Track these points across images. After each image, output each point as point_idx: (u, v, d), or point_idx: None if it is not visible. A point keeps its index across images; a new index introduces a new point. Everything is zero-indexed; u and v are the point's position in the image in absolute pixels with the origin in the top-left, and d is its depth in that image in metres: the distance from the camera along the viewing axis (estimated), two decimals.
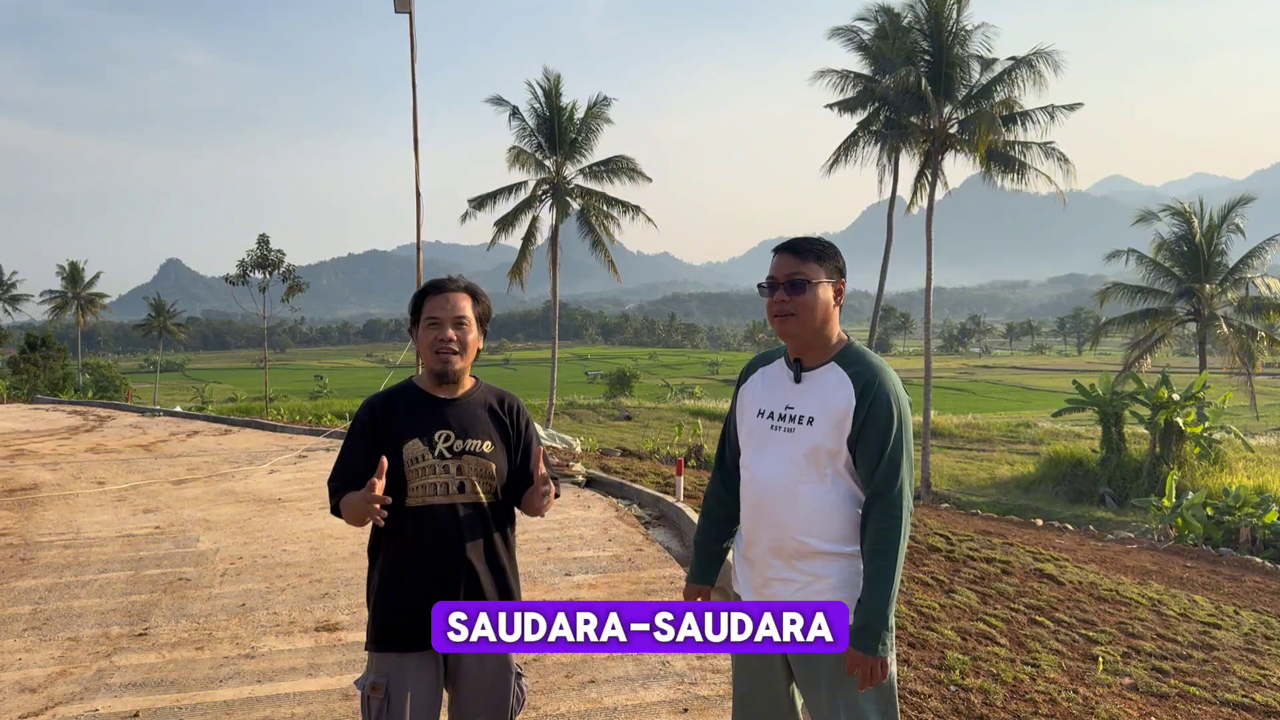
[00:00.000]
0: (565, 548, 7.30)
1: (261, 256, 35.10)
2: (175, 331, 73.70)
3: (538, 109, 32.16)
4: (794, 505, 2.45)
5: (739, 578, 2.65)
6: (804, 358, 2.53)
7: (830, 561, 2.43)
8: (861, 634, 2.33)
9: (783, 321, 2.47)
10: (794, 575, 2.46)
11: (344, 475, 2.59)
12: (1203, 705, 4.53)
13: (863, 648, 2.33)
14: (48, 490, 10.52)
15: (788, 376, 2.55)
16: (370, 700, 2.55)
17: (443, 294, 2.64)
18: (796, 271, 2.45)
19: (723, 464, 2.77)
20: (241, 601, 5.95)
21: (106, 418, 20.73)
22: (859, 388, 2.42)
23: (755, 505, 2.54)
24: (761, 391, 2.61)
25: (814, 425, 2.44)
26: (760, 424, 2.56)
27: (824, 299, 2.46)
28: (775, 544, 2.48)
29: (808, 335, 2.48)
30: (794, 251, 2.48)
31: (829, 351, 2.51)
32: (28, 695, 4.43)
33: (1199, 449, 25.29)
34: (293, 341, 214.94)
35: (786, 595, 2.46)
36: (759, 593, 2.54)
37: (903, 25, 28.07)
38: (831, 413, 2.43)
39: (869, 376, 2.43)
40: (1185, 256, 30.77)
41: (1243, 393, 31.92)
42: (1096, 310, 39.90)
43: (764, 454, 2.52)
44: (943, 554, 7.49)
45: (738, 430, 2.68)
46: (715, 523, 2.77)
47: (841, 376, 2.46)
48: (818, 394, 2.47)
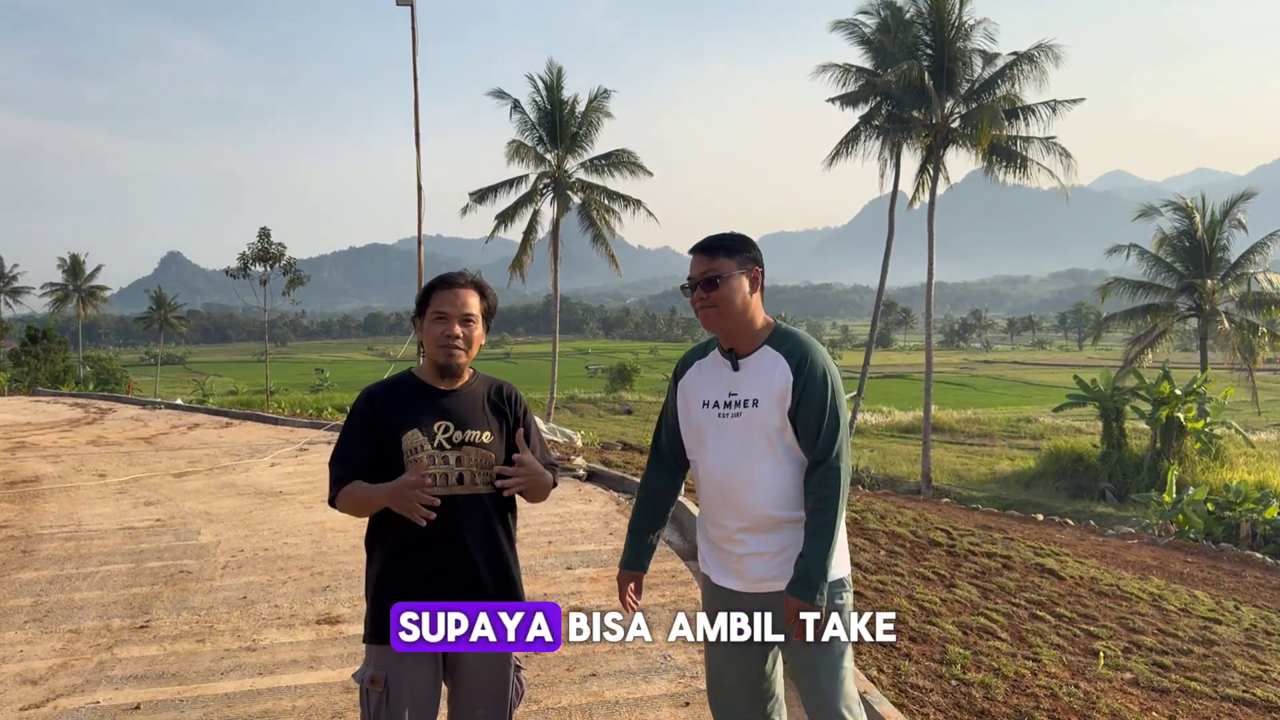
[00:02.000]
0: (566, 541, 7.30)
1: (262, 249, 35.08)
2: (176, 324, 73.78)
3: (539, 102, 32.11)
4: (755, 484, 2.60)
5: (708, 561, 2.78)
6: (737, 346, 2.67)
7: (796, 527, 2.59)
8: (800, 584, 2.50)
9: (706, 315, 2.64)
10: (766, 547, 2.61)
11: (345, 463, 2.58)
12: (1203, 700, 4.53)
13: (800, 596, 2.49)
14: (49, 483, 10.52)
15: (725, 366, 2.69)
16: (369, 694, 2.54)
17: (452, 289, 2.64)
18: (709, 269, 2.62)
19: (659, 452, 2.88)
20: (243, 594, 5.95)
21: (107, 410, 20.74)
22: (794, 364, 2.59)
23: (719, 490, 2.66)
24: (701, 383, 2.73)
25: (759, 406, 2.59)
26: (707, 414, 2.68)
27: (740, 290, 2.62)
28: (745, 523, 2.62)
29: (731, 325, 2.64)
30: (705, 251, 2.65)
31: (759, 336, 2.67)
32: (29, 687, 4.43)
33: (1200, 444, 25.29)
34: (293, 335, 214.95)
35: (762, 568, 2.61)
36: (733, 570, 2.67)
37: (905, 19, 28.02)
38: (772, 391, 2.59)
39: (802, 353, 2.61)
40: (1187, 252, 30.71)
41: (1244, 388, 31.88)
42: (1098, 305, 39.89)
43: (718, 442, 2.65)
44: (944, 549, 7.50)
45: (680, 423, 2.79)
46: (653, 509, 2.89)
47: (775, 356, 2.62)
48: (757, 376, 2.62)
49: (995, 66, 27.75)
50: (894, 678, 4.39)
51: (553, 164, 32.50)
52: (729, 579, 2.68)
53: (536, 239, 33.04)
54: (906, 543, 7.60)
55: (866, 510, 9.07)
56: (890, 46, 28.00)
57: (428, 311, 2.65)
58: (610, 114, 32.48)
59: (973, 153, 27.84)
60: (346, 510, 2.57)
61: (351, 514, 2.58)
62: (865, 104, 29.34)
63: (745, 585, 2.65)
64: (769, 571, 2.61)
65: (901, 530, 8.06)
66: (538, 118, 32.15)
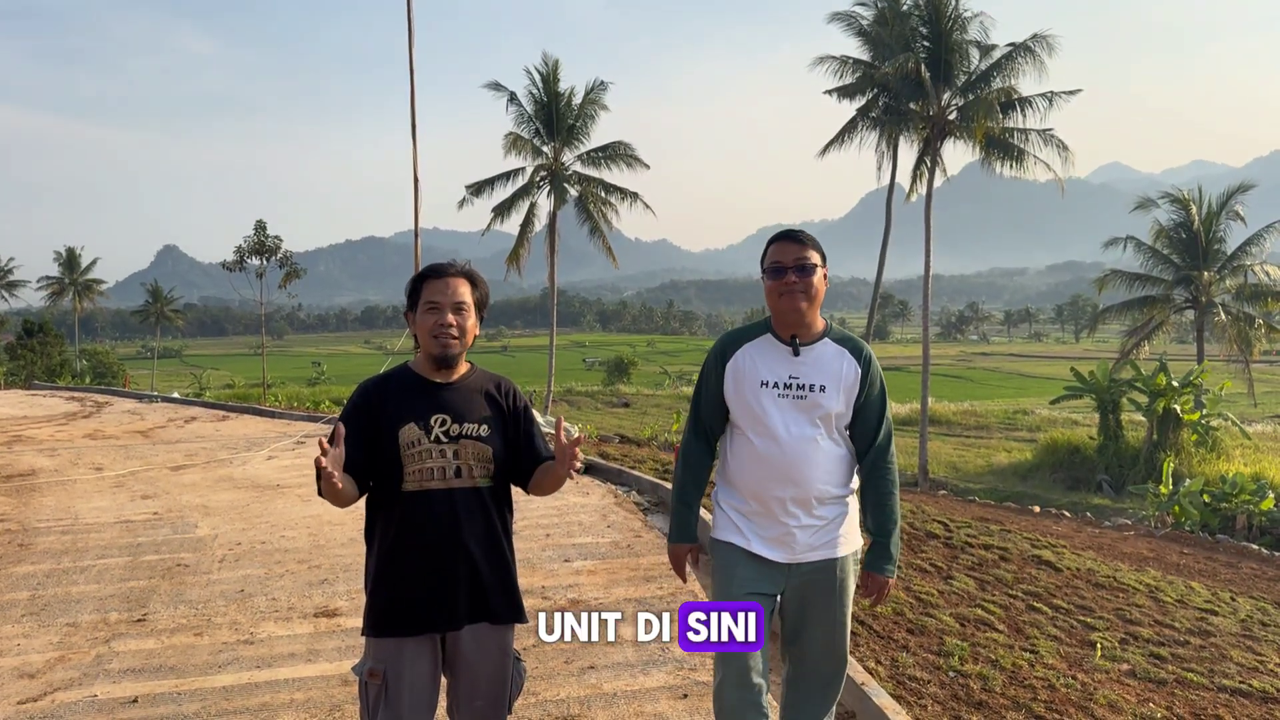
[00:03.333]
0: (564, 534, 7.30)
1: (259, 243, 34.95)
2: (173, 318, 73.57)
3: (535, 94, 32.02)
4: (814, 460, 2.81)
5: (744, 531, 2.88)
6: (801, 334, 2.85)
7: (838, 504, 2.87)
8: (882, 560, 2.89)
9: (794, 299, 2.79)
10: (812, 520, 2.83)
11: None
12: (1200, 691, 4.54)
13: (887, 572, 2.89)
14: (46, 476, 10.51)
15: (785, 351, 2.85)
16: (368, 686, 2.54)
17: (442, 279, 2.62)
18: (802, 256, 2.80)
19: (701, 425, 3.00)
20: (240, 587, 5.95)
21: (104, 404, 20.71)
22: (861, 361, 2.85)
23: (776, 464, 2.81)
24: (759, 363, 2.87)
25: (825, 392, 2.81)
26: (766, 393, 2.83)
27: (820, 282, 2.84)
28: (798, 495, 2.81)
29: (810, 313, 2.83)
30: (796, 240, 2.83)
31: (819, 329, 2.88)
32: (26, 681, 4.42)
33: (1196, 436, 25.31)
34: (290, 328, 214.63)
35: (810, 539, 2.83)
36: (777, 541, 2.84)
37: (902, 11, 27.94)
38: (841, 381, 2.82)
39: (866, 352, 2.88)
40: (1183, 244, 30.72)
41: (1240, 380, 31.94)
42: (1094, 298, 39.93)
43: (781, 419, 2.81)
44: (941, 540, 7.50)
45: (731, 400, 2.90)
46: (698, 479, 3.03)
47: (840, 351, 2.86)
48: (822, 366, 2.83)
49: (992, 58, 27.69)
50: (892, 669, 4.39)
51: (549, 156, 32.43)
52: (770, 549, 2.84)
53: (533, 232, 32.97)
54: (903, 535, 7.61)
55: None
56: (887, 38, 27.94)
57: (419, 303, 2.63)
58: (607, 106, 32.40)
59: (970, 145, 27.80)
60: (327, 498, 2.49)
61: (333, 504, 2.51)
62: (862, 96, 29.27)
63: (789, 556, 2.84)
64: (815, 541, 2.84)
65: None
66: (534, 110, 32.07)
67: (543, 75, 31.97)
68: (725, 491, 2.97)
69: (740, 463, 2.89)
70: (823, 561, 2.85)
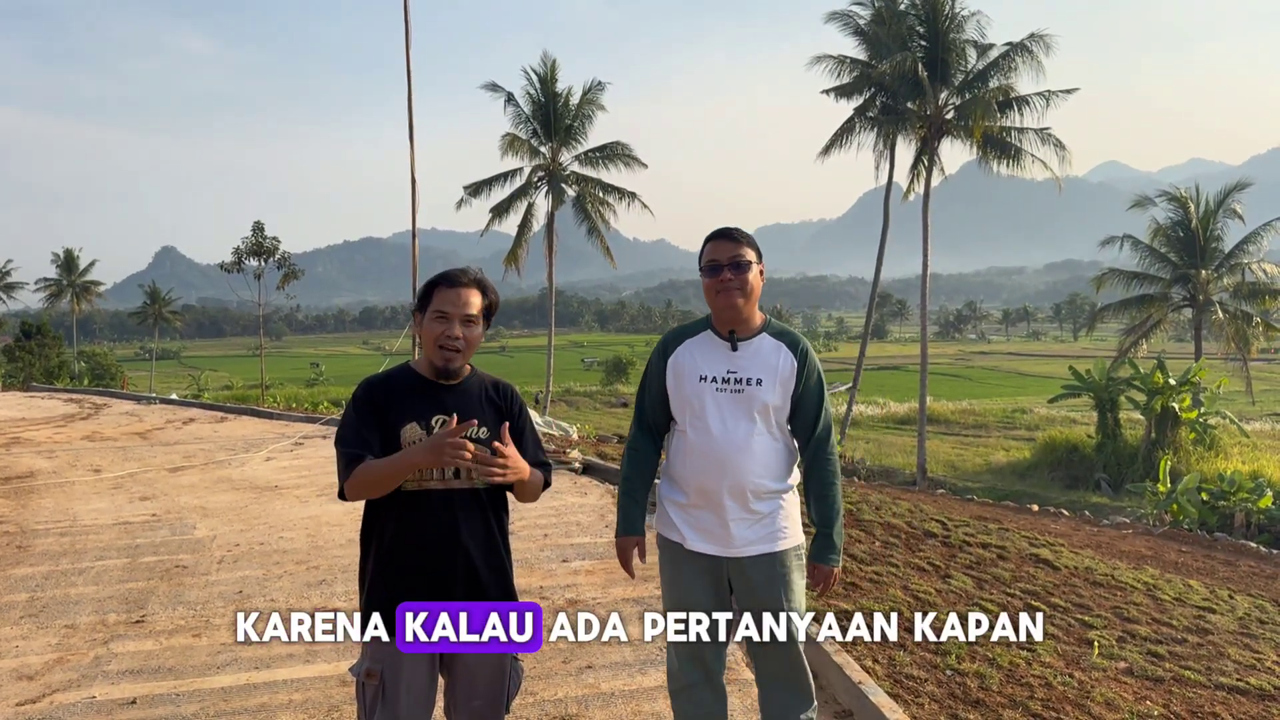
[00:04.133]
0: (562, 534, 7.31)
1: (257, 244, 34.93)
2: (171, 319, 73.51)
3: (533, 95, 32.03)
4: (751, 454, 2.86)
5: (681, 527, 2.95)
6: (738, 329, 2.92)
7: (777, 497, 2.91)
8: (825, 551, 2.93)
9: (729, 296, 2.85)
10: (747, 515, 2.88)
11: (359, 443, 2.52)
12: (1198, 689, 4.54)
13: (827, 561, 2.93)
14: (44, 478, 10.50)
15: (723, 346, 2.93)
16: (365, 687, 2.55)
17: (454, 288, 2.61)
18: (738, 254, 2.87)
19: (645, 422, 3.08)
20: (238, 588, 5.95)
21: (102, 405, 20.69)
22: (797, 355, 2.90)
23: (712, 457, 2.87)
24: (698, 359, 2.94)
25: (762, 385, 2.86)
26: (704, 387, 2.89)
27: (755, 278, 2.89)
28: (734, 489, 2.86)
29: (746, 309, 2.90)
30: (731, 238, 2.89)
31: (756, 324, 2.94)
32: (25, 682, 4.43)
33: (1194, 434, 25.33)
34: (288, 329, 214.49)
35: (747, 533, 2.88)
36: (713, 536, 2.90)
37: (899, 10, 27.99)
38: (778, 375, 2.87)
39: (803, 346, 2.93)
40: (1181, 242, 30.75)
41: (1238, 378, 31.97)
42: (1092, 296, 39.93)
43: (718, 413, 2.87)
44: (939, 539, 7.51)
45: (671, 394, 2.97)
46: (644, 475, 3.09)
47: (777, 344, 2.91)
48: (759, 359, 2.89)
49: (989, 58, 27.74)
50: (889, 668, 4.40)
51: (547, 157, 32.44)
52: (708, 544, 2.91)
53: (531, 232, 32.98)
54: (902, 534, 7.62)
55: (862, 502, 9.09)
56: (885, 38, 27.98)
57: (429, 309, 2.63)
58: (604, 106, 32.43)
59: (967, 144, 27.83)
60: (362, 489, 2.49)
61: (367, 494, 2.51)
62: (860, 95, 29.32)
63: (726, 550, 2.89)
64: (753, 535, 2.88)
65: (897, 521, 8.08)
66: (532, 110, 32.07)
67: (540, 76, 31.99)
68: (667, 485, 3.04)
69: (680, 457, 2.96)
70: (762, 555, 2.89)
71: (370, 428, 2.55)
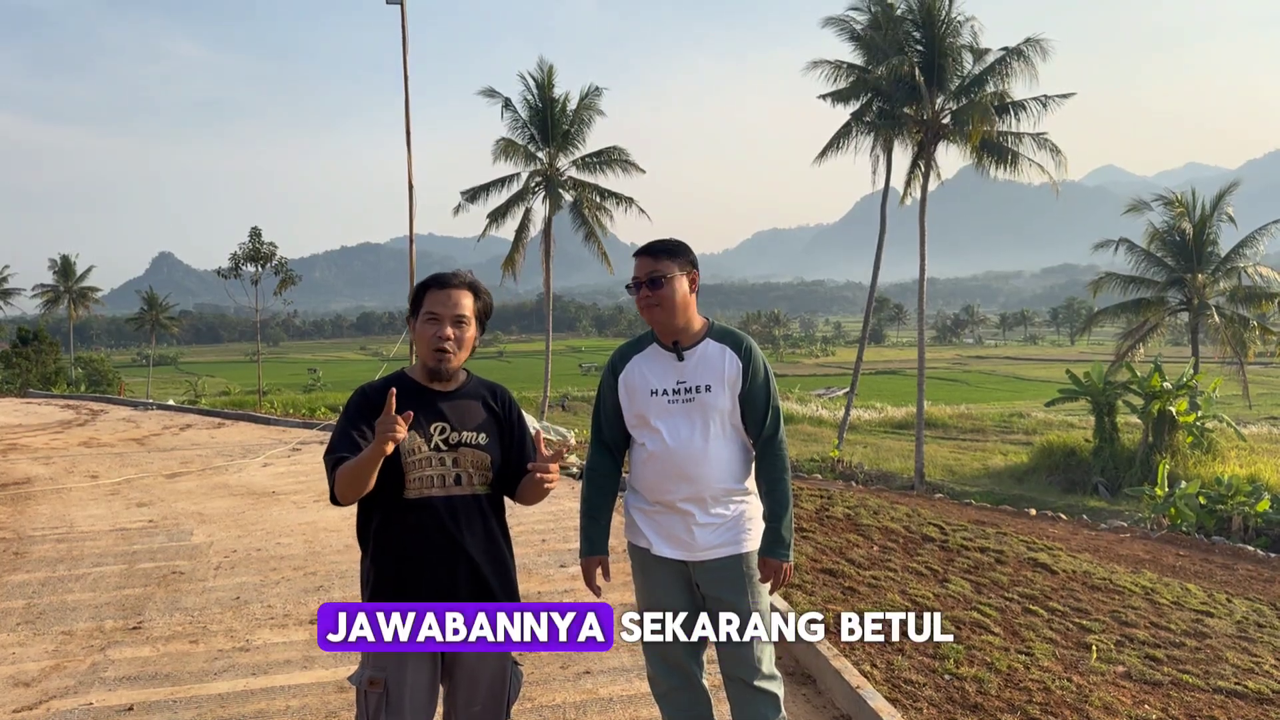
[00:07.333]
0: (560, 539, 7.30)
1: (254, 249, 34.92)
2: (168, 325, 73.51)
3: (530, 100, 32.07)
4: (708, 461, 2.91)
5: (647, 533, 3.01)
6: (680, 339, 2.97)
7: (738, 498, 2.96)
8: (774, 545, 2.92)
9: (651, 312, 2.94)
10: (709, 519, 2.93)
11: (342, 447, 2.49)
12: (1196, 693, 4.55)
13: (780, 556, 2.92)
14: (41, 484, 10.48)
15: (669, 358, 2.98)
16: (368, 695, 2.52)
17: (445, 290, 2.62)
18: (654, 269, 2.92)
19: (602, 442, 3.10)
20: (236, 594, 5.94)
21: (99, 411, 20.66)
22: (741, 354, 2.94)
23: (673, 466, 2.91)
24: (646, 374, 2.99)
25: (711, 391, 2.92)
26: (656, 400, 2.96)
27: (681, 290, 2.94)
28: (694, 495, 2.92)
29: (674, 320, 2.94)
30: (650, 254, 2.95)
31: (698, 331, 3.00)
32: (22, 689, 4.42)
33: (1191, 438, 25.35)
34: (286, 335, 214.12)
35: (710, 536, 2.92)
36: (678, 541, 2.94)
37: (895, 15, 28.06)
38: (725, 378, 2.92)
39: (747, 345, 2.98)
40: (1177, 246, 30.78)
41: (1235, 382, 31.99)
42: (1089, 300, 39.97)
43: (671, 424, 2.93)
44: (937, 544, 7.51)
45: (625, 411, 3.03)
46: (605, 494, 3.10)
47: (721, 348, 2.96)
48: (706, 365, 2.94)
49: (985, 62, 27.81)
50: (887, 673, 4.40)
51: (544, 162, 32.46)
52: (673, 549, 2.95)
53: (529, 237, 33.00)
54: (900, 538, 7.62)
55: (860, 506, 9.09)
56: (881, 43, 28.05)
57: (420, 312, 2.64)
58: (602, 111, 32.49)
59: (964, 149, 27.89)
60: (347, 489, 2.44)
61: (349, 494, 2.45)
62: (856, 100, 29.37)
63: (690, 554, 2.94)
64: (716, 539, 2.93)
65: (895, 526, 8.08)
66: (529, 116, 32.10)
67: (537, 81, 32.04)
68: (632, 495, 3.10)
69: (641, 468, 3.01)
70: (727, 558, 2.93)
71: (361, 433, 2.53)
